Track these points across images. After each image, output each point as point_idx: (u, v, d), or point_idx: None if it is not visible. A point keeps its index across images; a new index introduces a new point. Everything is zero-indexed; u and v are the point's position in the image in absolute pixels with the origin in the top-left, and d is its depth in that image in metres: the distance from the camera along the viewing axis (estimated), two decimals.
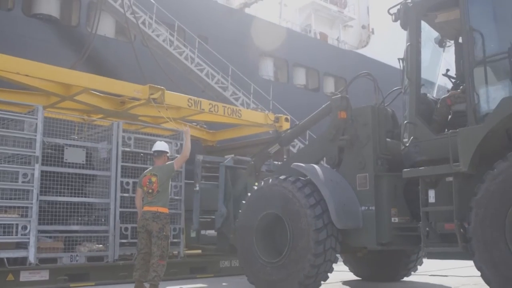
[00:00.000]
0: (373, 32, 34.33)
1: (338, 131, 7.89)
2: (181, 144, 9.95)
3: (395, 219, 7.09)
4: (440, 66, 8.24)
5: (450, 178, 6.34)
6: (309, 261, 6.99)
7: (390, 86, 8.25)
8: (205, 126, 13.14)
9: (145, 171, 8.10)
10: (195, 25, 22.34)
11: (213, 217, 9.72)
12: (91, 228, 9.08)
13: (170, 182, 8.23)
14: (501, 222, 5.61)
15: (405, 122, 7.18)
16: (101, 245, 9.02)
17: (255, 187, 8.10)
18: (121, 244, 9.10)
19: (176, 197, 9.83)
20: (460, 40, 7.16)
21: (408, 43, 7.30)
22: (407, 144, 7.03)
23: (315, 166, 7.76)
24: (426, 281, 9.13)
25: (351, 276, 9.50)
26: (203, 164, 10.09)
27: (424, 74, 7.45)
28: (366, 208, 7.25)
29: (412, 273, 9.14)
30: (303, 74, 28.97)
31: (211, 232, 10.11)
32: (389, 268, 8.93)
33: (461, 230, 6.14)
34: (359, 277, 9.45)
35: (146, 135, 10.07)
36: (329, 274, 7.38)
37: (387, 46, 24.44)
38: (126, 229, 9.16)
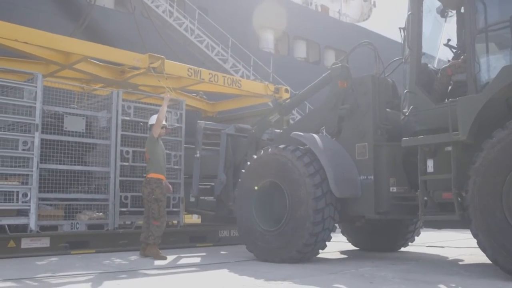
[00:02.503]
0: (374, 5, 34.02)
1: (338, 100, 7.89)
2: (181, 114, 9.95)
3: (393, 189, 7.14)
4: (441, 37, 8.19)
5: (449, 147, 6.38)
6: (307, 229, 7.06)
7: (391, 60, 8.21)
8: (204, 96, 13.08)
9: None
10: None
11: (213, 184, 9.77)
12: (91, 197, 9.11)
13: (164, 151, 8.65)
14: (498, 190, 5.66)
15: (405, 91, 7.17)
16: (101, 214, 9.09)
17: (255, 156, 8.13)
18: (121, 213, 9.16)
19: (176, 167, 9.87)
20: (462, 10, 7.09)
21: (410, 12, 7.26)
22: (407, 114, 7.03)
23: (315, 135, 7.78)
24: (423, 252, 9.20)
25: (349, 246, 9.59)
26: (205, 131, 10.08)
27: (425, 45, 7.41)
28: (365, 177, 7.30)
29: (410, 243, 9.23)
30: (304, 47, 28.78)
31: (210, 198, 10.17)
32: (387, 238, 9.01)
33: (459, 198, 6.20)
34: (357, 247, 9.54)
35: (146, 104, 10.06)
36: (327, 243, 7.48)
37: (389, 20, 24.22)
38: (126, 197, 9.21)
